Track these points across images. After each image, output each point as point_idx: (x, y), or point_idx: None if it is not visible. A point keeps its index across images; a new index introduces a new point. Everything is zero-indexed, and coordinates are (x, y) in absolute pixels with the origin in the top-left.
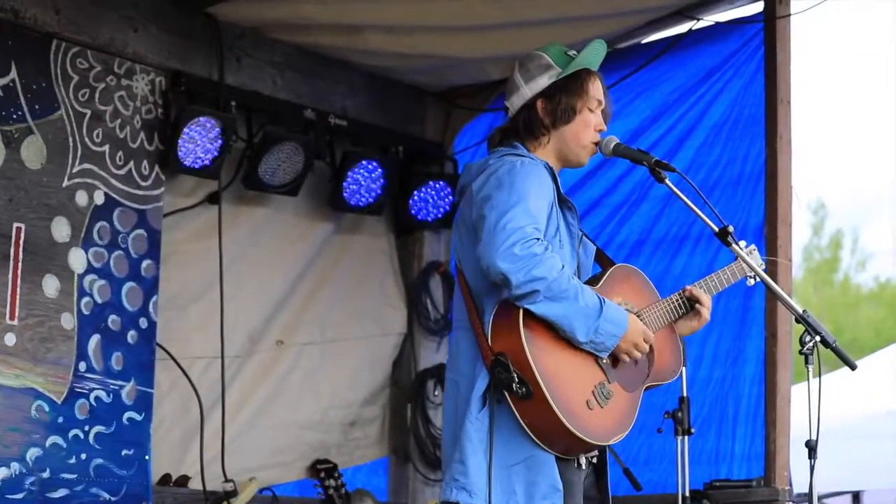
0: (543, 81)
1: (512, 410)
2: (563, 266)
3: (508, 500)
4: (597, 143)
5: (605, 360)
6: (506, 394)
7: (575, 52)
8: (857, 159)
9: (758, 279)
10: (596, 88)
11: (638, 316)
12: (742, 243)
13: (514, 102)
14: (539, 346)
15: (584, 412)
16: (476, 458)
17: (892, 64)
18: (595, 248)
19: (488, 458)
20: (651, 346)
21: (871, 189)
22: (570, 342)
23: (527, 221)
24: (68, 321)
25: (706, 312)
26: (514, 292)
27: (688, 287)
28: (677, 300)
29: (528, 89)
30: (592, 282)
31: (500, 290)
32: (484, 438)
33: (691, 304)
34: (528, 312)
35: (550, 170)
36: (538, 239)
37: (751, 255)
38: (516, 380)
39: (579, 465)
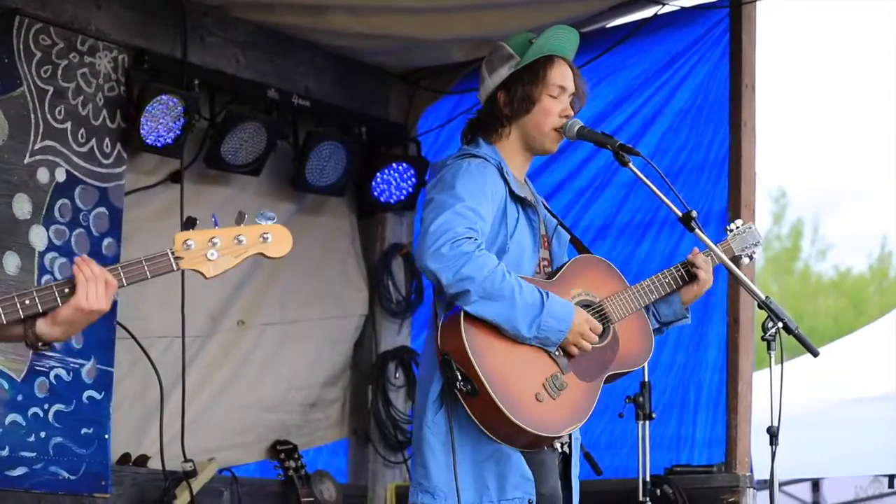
0: (504, 73)
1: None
2: (497, 264)
3: (482, 495)
4: (559, 129)
5: (557, 352)
6: (456, 392)
7: (535, 39)
8: (819, 149)
9: (749, 258)
10: (557, 74)
11: (601, 305)
12: (737, 223)
13: (482, 95)
14: (483, 344)
15: (531, 405)
16: (435, 461)
17: (860, 58)
18: (569, 236)
19: (451, 458)
20: (616, 335)
21: (832, 179)
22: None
23: (459, 222)
24: None
25: (703, 274)
26: (447, 292)
27: (691, 255)
28: (675, 273)
29: (492, 81)
30: (550, 275)
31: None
32: (443, 441)
33: (690, 272)
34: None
35: (500, 170)
36: (470, 238)
37: (748, 232)
38: (460, 378)
39: (552, 447)
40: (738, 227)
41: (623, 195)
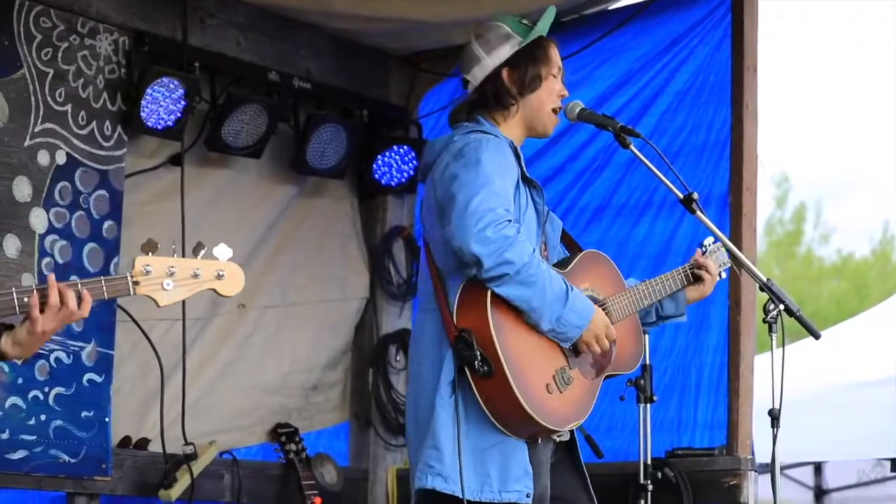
0: (506, 51)
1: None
2: (533, 250)
3: (483, 484)
4: (557, 110)
5: (568, 347)
6: (466, 371)
7: (527, 22)
8: (822, 134)
9: (720, 276)
10: (556, 55)
11: (603, 304)
12: (709, 239)
13: (476, 75)
14: (504, 326)
15: (542, 395)
16: (451, 444)
17: (863, 42)
18: (561, 224)
19: (457, 443)
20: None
21: (834, 163)
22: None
23: (497, 203)
24: (29, 281)
25: (708, 277)
26: (484, 275)
27: (696, 257)
28: (682, 272)
29: (491, 60)
30: (561, 265)
31: (467, 269)
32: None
33: (695, 274)
34: (495, 292)
35: (514, 149)
36: (510, 221)
37: (719, 251)
38: (479, 357)
39: (551, 441)
40: (710, 245)
41: (620, 176)
